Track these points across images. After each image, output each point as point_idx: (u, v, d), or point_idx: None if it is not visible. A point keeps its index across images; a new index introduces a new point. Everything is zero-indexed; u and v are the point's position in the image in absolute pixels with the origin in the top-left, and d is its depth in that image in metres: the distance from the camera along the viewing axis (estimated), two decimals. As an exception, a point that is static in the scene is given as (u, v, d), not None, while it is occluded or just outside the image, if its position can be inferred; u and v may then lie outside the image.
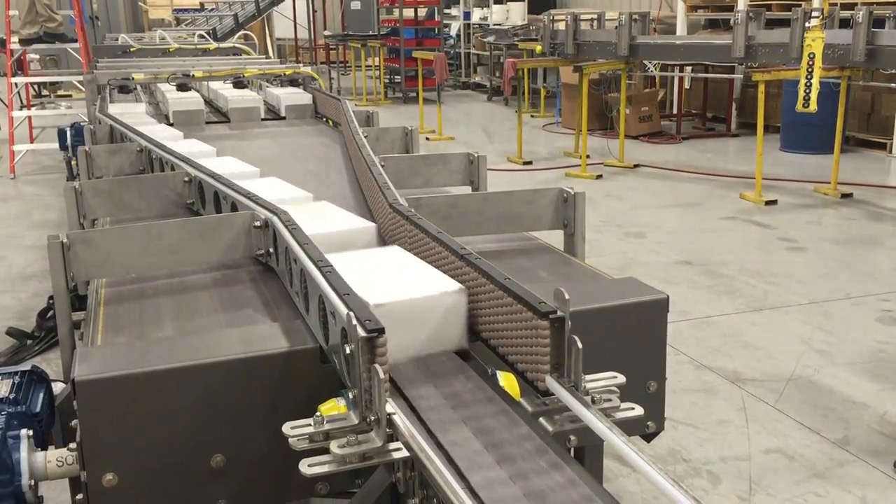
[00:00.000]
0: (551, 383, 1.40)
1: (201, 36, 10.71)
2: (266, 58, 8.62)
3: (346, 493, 1.71)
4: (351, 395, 1.35)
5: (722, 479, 3.04)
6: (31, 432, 1.57)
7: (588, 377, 1.40)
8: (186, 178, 2.67)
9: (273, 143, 4.13)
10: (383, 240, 2.19)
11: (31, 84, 11.44)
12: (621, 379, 1.43)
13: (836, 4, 7.78)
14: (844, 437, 3.31)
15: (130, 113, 4.23)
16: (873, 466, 3.10)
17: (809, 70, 6.24)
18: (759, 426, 3.41)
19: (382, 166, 2.65)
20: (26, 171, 9.16)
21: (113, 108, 4.33)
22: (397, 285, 1.63)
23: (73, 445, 1.52)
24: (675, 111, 11.51)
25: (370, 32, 16.26)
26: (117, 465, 1.48)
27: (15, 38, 9.24)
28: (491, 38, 14.95)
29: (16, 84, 9.57)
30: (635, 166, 8.89)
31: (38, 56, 13.43)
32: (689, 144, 10.39)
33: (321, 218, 2.19)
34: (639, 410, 1.40)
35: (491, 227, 2.35)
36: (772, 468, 3.11)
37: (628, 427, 1.35)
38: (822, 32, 6.23)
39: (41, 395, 1.74)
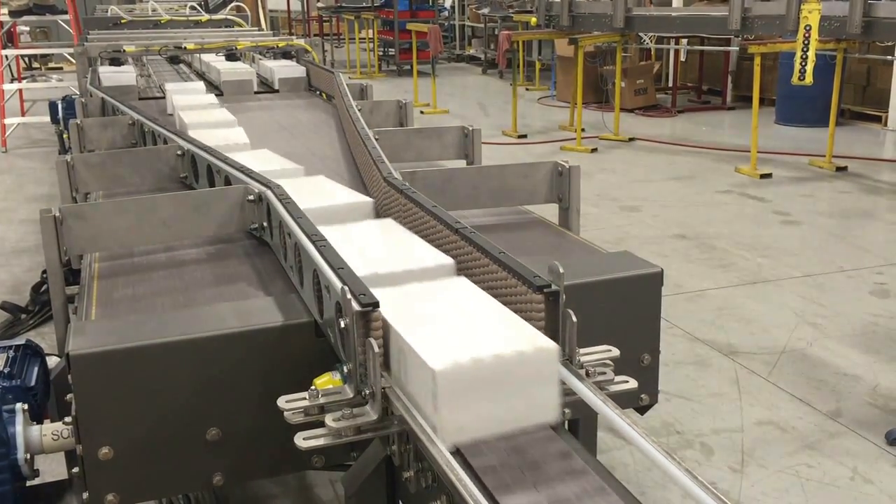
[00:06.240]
0: (546, 357, 1.40)
1: (193, 7, 10.58)
2: (259, 30, 8.54)
3: (341, 465, 1.72)
4: (346, 369, 1.36)
5: (714, 450, 3.07)
6: (26, 406, 1.57)
7: (582, 350, 1.40)
8: (179, 152, 2.65)
9: (266, 116, 4.10)
10: (379, 215, 2.18)
11: (22, 56, 11.33)
12: (615, 352, 1.43)
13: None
14: (836, 409, 3.34)
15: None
16: (864, 438, 3.13)
17: (805, 42, 6.21)
18: (752, 398, 3.44)
19: (376, 140, 2.63)
20: (18, 145, 9.10)
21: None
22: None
23: (68, 419, 1.53)
24: (670, 84, 11.46)
25: (364, 4, 16.12)
26: (113, 439, 1.48)
27: (4, 10, 9.13)
28: (486, 10, 14.85)
29: (6, 56, 9.48)
30: (630, 140, 8.87)
31: (28, 28, 13.30)
32: (684, 118, 10.36)
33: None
34: (633, 383, 1.40)
35: (486, 201, 2.34)
36: (764, 440, 3.13)
37: (622, 400, 1.36)
38: (819, 4, 6.18)
39: (36, 369, 1.75)
